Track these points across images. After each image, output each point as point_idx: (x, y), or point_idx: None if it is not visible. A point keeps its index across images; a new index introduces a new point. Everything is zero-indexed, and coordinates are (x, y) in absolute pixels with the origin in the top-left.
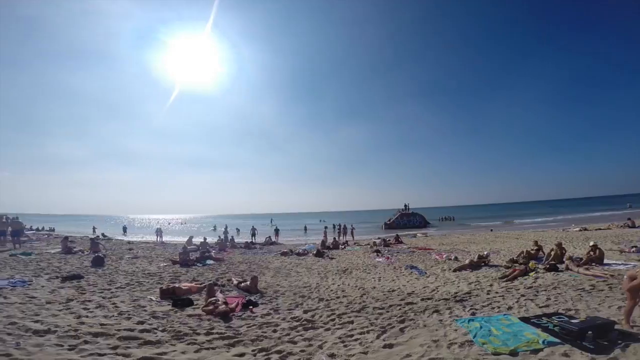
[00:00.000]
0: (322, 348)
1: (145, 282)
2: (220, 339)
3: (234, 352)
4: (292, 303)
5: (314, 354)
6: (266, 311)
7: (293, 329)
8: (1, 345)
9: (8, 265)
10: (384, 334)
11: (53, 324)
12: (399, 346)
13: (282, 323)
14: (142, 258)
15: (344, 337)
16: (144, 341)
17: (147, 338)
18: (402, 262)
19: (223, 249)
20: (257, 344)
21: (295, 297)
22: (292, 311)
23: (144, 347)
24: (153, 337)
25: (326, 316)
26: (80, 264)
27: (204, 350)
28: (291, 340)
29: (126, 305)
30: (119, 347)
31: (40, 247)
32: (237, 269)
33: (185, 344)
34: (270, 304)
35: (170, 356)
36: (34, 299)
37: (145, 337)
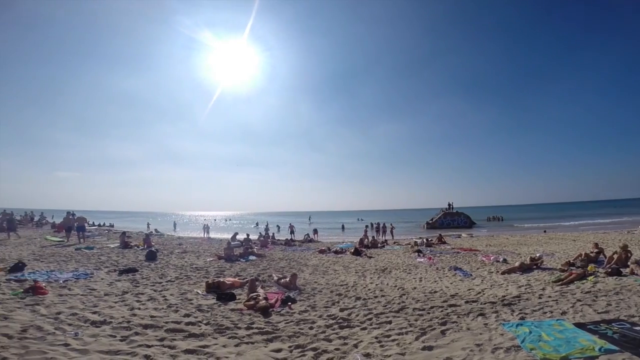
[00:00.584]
0: (357, 347)
1: (193, 275)
2: (260, 334)
3: (272, 348)
4: (329, 301)
5: (348, 352)
6: (303, 308)
7: (329, 327)
8: (61, 335)
9: (74, 259)
10: (424, 335)
11: (109, 315)
12: (439, 349)
13: (318, 320)
14: (190, 253)
15: (381, 337)
16: (189, 334)
17: (192, 331)
18: (445, 263)
19: (265, 245)
20: (293, 341)
21: (332, 295)
22: (328, 309)
23: (188, 340)
24: (197, 330)
25: (363, 315)
26: (135, 258)
27: (244, 344)
28: (326, 338)
29: (175, 298)
30: (165, 339)
31: (101, 241)
32: (278, 265)
33: (226, 337)
34: (308, 301)
35: (212, 349)
36: (94, 290)
37: (190, 329)
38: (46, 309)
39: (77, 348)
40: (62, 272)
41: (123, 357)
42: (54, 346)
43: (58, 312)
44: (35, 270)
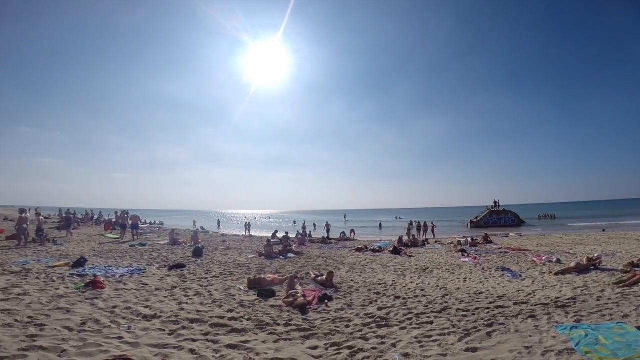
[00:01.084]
0: (396, 347)
1: (236, 272)
2: (297, 331)
3: (308, 345)
4: (366, 299)
5: (386, 352)
6: (340, 306)
7: (366, 326)
8: (116, 328)
9: (128, 255)
10: (468, 337)
11: (159, 309)
12: (484, 350)
13: (355, 319)
14: (233, 250)
15: (421, 338)
16: (232, 329)
17: (234, 326)
18: (491, 263)
19: (302, 243)
20: (329, 338)
21: (369, 294)
22: (365, 307)
23: (230, 335)
24: (239, 326)
25: (402, 315)
26: (183, 254)
27: (282, 340)
28: (363, 336)
29: (219, 294)
30: (209, 334)
31: (153, 238)
32: (315, 263)
33: (266, 333)
34: (345, 299)
35: (252, 345)
36: (146, 285)
37: (233, 325)
38: (104, 303)
39: (129, 341)
40: (118, 267)
41: (170, 350)
42: (109, 339)
43: (114, 306)
44: (95, 265)
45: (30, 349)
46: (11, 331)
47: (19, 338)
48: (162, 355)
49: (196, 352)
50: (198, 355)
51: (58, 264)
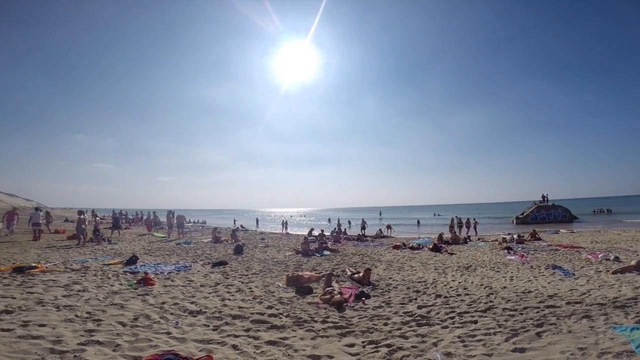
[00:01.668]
0: (437, 346)
1: (275, 269)
2: (334, 328)
3: (345, 342)
4: (405, 297)
5: (427, 350)
6: (378, 304)
7: (405, 324)
8: (165, 324)
9: (175, 253)
10: (515, 337)
11: (204, 305)
12: (533, 351)
13: (393, 317)
14: (271, 247)
15: (464, 337)
16: (271, 325)
17: (274, 322)
18: (541, 261)
19: (337, 240)
20: (367, 336)
21: (408, 292)
22: (404, 305)
23: (270, 331)
24: (278, 322)
25: (444, 313)
26: (225, 251)
27: (319, 338)
28: (402, 334)
29: (259, 290)
30: (250, 330)
31: (197, 237)
32: (351, 260)
33: (304, 330)
34: (382, 296)
35: (291, 341)
36: (192, 282)
37: (272, 321)
38: (154, 299)
39: (176, 336)
40: (166, 264)
41: (214, 346)
42: (158, 334)
43: (163, 302)
44: (145, 263)
45: (88, 344)
46: (72, 326)
47: (78, 333)
48: (206, 350)
49: (238, 347)
50: (240, 351)
51: (113, 261)
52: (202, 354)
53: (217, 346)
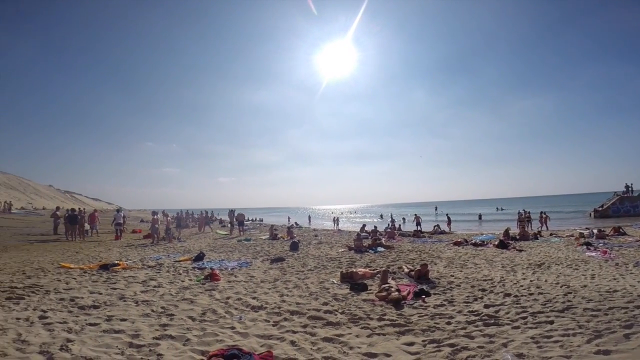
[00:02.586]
0: (507, 347)
1: (329, 265)
2: (391, 326)
3: (403, 341)
4: (470, 296)
5: (495, 351)
6: (439, 302)
7: (471, 323)
8: (229, 319)
9: (237, 249)
10: (598, 338)
11: (264, 301)
12: (620, 354)
13: (457, 316)
14: (325, 244)
15: (539, 338)
16: (327, 322)
17: (329, 319)
18: (628, 258)
19: (392, 237)
20: (427, 335)
21: (473, 290)
22: (469, 304)
23: (326, 328)
24: (334, 319)
25: (514, 313)
26: (282, 248)
27: (375, 335)
28: (468, 334)
29: (315, 287)
30: (307, 326)
31: (255, 234)
32: (407, 257)
33: (359, 327)
34: (444, 295)
35: (346, 338)
36: (253, 278)
37: (328, 317)
38: (219, 294)
39: (240, 331)
40: (229, 261)
41: (274, 341)
42: (224, 329)
43: (228, 297)
44: (211, 259)
45: (162, 338)
46: (148, 320)
47: (153, 327)
48: (267, 346)
49: (296, 344)
50: (298, 347)
51: (183, 258)
52: (263, 349)
53: (276, 342)
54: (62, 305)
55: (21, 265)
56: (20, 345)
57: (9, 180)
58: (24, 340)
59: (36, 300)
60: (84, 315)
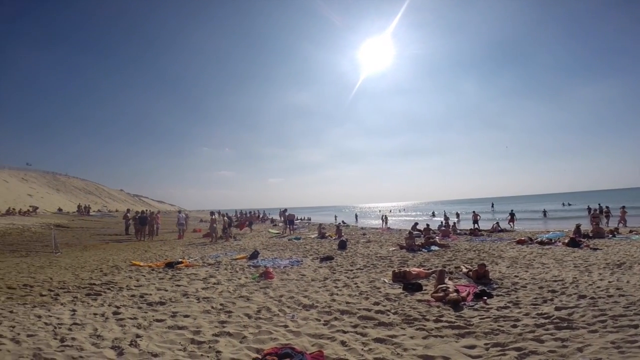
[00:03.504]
0: (582, 351)
1: (379, 264)
2: (450, 328)
3: (464, 343)
4: (538, 298)
5: (569, 356)
6: (503, 304)
7: (540, 327)
8: (282, 317)
9: (288, 248)
10: None
11: (315, 300)
12: None
13: (524, 318)
14: (374, 242)
15: (621, 343)
16: (379, 322)
17: (381, 319)
18: None
19: (446, 235)
20: (491, 338)
21: (541, 292)
22: (538, 307)
23: (378, 328)
24: (386, 319)
25: (591, 316)
26: (330, 247)
27: (432, 337)
28: (536, 338)
29: (365, 286)
30: (358, 326)
31: (305, 233)
32: (465, 256)
33: (414, 328)
34: (508, 296)
35: (400, 340)
36: (304, 276)
37: (380, 318)
38: (273, 292)
39: (292, 330)
40: (282, 259)
41: (324, 341)
42: (277, 327)
43: (281, 295)
44: (264, 257)
45: (220, 335)
46: (208, 317)
47: (213, 324)
48: (318, 345)
49: (347, 344)
50: (348, 347)
51: (239, 256)
52: (314, 348)
53: (327, 341)
54: (133, 301)
55: (99, 263)
56: (96, 340)
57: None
58: (99, 335)
59: (111, 297)
60: (152, 311)
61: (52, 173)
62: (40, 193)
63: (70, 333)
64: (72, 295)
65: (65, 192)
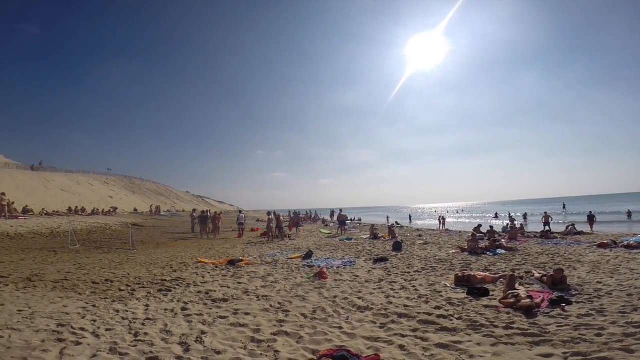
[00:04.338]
0: None
1: (438, 267)
2: (522, 335)
3: (538, 352)
4: (627, 306)
5: None
6: (585, 311)
7: (630, 336)
8: (337, 318)
9: (340, 248)
10: None
11: (370, 301)
12: None
13: (610, 327)
14: (431, 244)
15: None
16: (441, 327)
17: (444, 324)
18: None
19: (514, 238)
20: (570, 347)
21: (631, 299)
22: (626, 315)
23: (440, 333)
24: (449, 324)
25: None
26: (383, 248)
27: (502, 344)
28: (625, 347)
29: (424, 289)
30: (418, 330)
31: (355, 233)
32: (537, 260)
33: (481, 335)
34: (590, 303)
35: (466, 346)
36: (357, 277)
37: (442, 323)
38: (327, 292)
39: (347, 332)
40: (334, 259)
41: (381, 344)
42: (332, 328)
43: (335, 295)
44: (318, 257)
45: (278, 334)
46: (267, 316)
47: (272, 323)
48: (374, 349)
49: (405, 348)
50: (407, 352)
51: (294, 256)
52: (369, 351)
53: (384, 345)
54: (199, 297)
55: (169, 259)
56: (165, 336)
57: (158, 188)
58: (168, 330)
59: (180, 293)
60: (216, 308)
61: (129, 177)
62: (119, 195)
63: (143, 328)
64: (146, 291)
65: (139, 194)
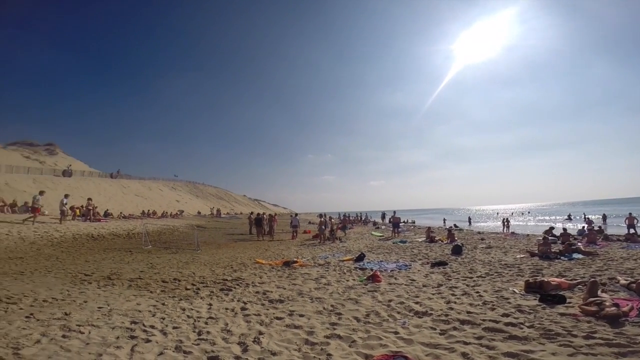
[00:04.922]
0: None
1: (504, 272)
2: (606, 346)
3: None
4: None
5: None
6: None
7: None
8: (392, 323)
9: (393, 251)
10: None
11: (429, 306)
12: None
13: None
14: (495, 248)
15: None
16: (509, 335)
17: (513, 332)
18: None
19: (592, 241)
20: None
21: None
22: None
23: (508, 342)
24: (519, 333)
25: None
26: (441, 251)
27: (582, 355)
28: None
29: (489, 295)
30: (483, 338)
31: (410, 236)
32: (622, 266)
33: (557, 344)
34: None
35: (538, 355)
36: (414, 281)
37: (511, 331)
38: (381, 296)
39: (403, 337)
40: (388, 262)
41: (441, 351)
42: (387, 333)
43: (389, 299)
44: (370, 260)
45: (331, 337)
46: (320, 318)
47: (325, 325)
48: (433, 355)
49: (469, 356)
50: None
51: (345, 258)
52: (428, 358)
53: (444, 352)
54: (257, 298)
55: (229, 260)
56: (226, 335)
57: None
58: (228, 330)
59: (239, 292)
60: (273, 308)
61: (192, 182)
62: (184, 199)
63: (206, 327)
64: (210, 290)
65: (202, 197)
